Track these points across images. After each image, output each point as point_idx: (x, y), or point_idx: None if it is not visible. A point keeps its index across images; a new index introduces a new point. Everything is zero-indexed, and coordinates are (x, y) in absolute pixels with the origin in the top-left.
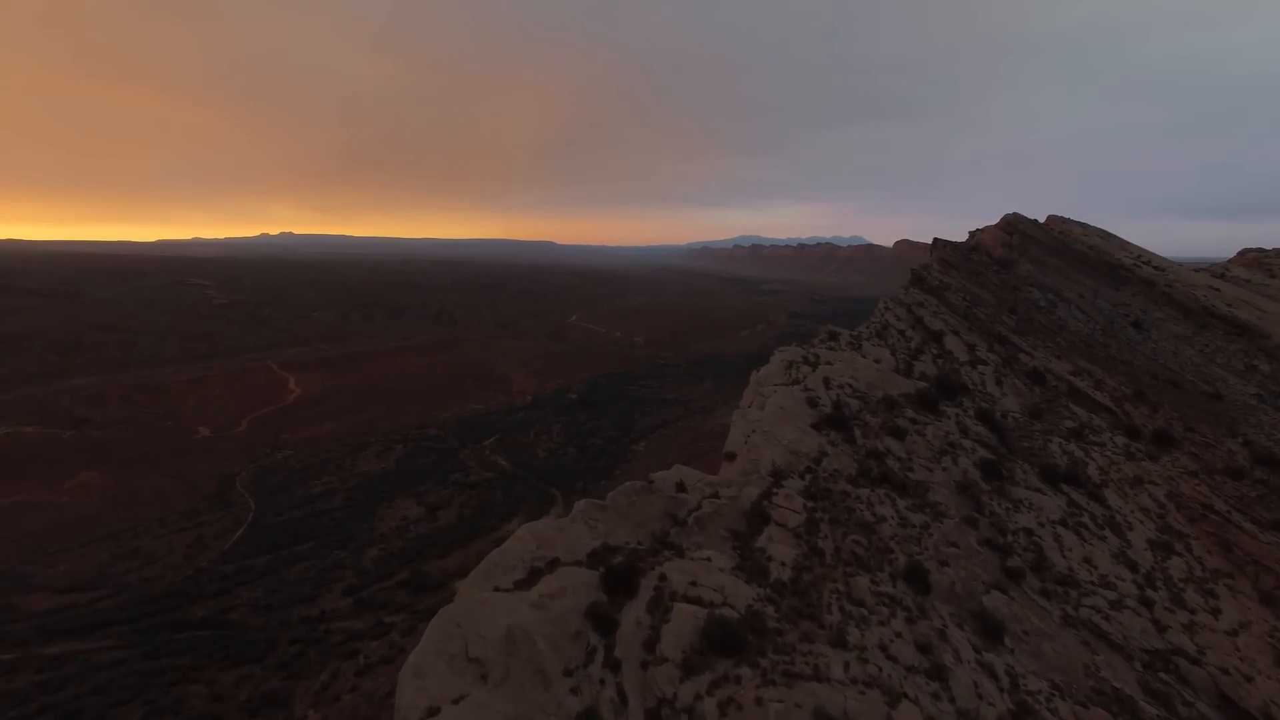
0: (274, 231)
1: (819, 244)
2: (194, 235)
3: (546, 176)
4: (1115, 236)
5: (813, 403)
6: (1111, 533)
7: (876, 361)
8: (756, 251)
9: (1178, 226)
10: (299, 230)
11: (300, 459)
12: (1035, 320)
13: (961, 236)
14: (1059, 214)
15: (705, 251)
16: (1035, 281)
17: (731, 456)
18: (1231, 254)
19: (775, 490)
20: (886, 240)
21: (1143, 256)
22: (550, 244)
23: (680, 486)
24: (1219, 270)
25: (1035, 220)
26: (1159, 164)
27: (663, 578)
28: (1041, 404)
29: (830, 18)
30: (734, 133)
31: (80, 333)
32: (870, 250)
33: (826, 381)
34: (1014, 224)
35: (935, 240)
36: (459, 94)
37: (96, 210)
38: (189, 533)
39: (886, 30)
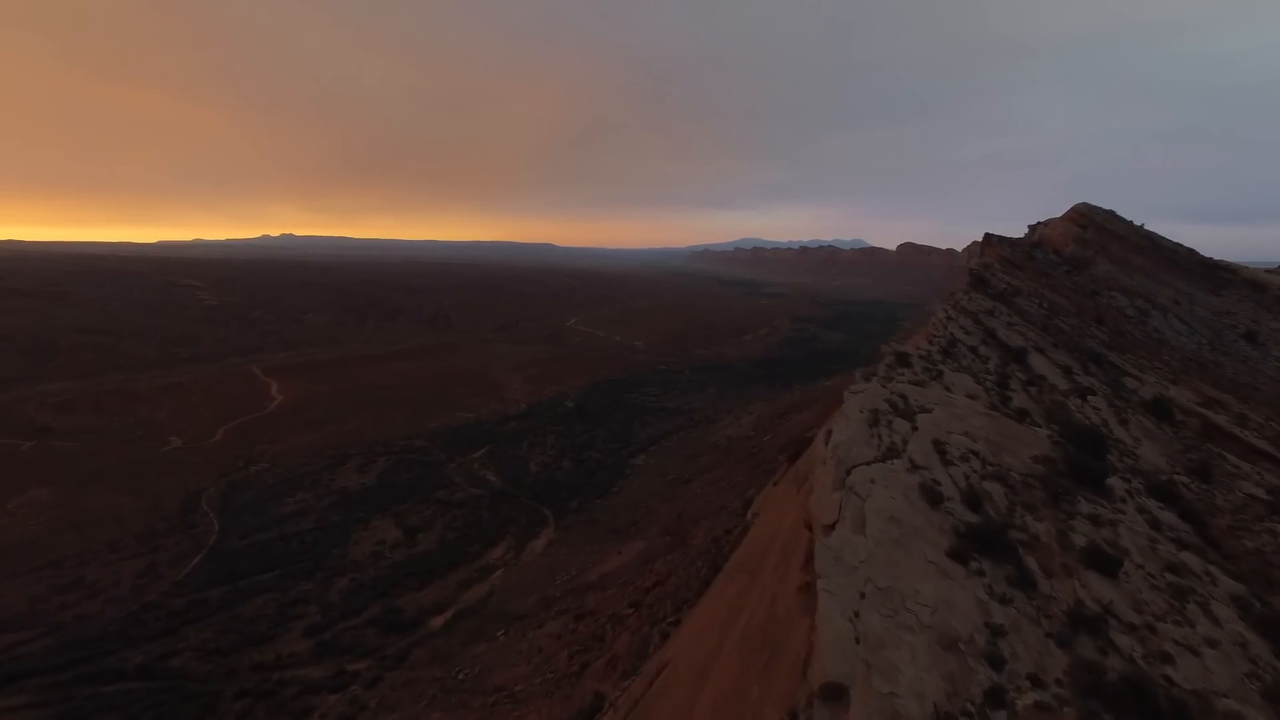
0: (275, 233)
1: (821, 247)
2: (195, 237)
3: (549, 179)
4: (1158, 235)
5: (934, 498)
6: None
7: (970, 397)
8: (758, 254)
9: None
10: (301, 232)
11: (275, 473)
12: (1128, 333)
13: (964, 240)
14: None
15: (707, 254)
16: (1118, 285)
17: (837, 693)
18: (1238, 257)
19: None
20: (889, 244)
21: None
22: (551, 246)
23: None
24: None
25: (1111, 211)
26: (1163, 167)
27: None
28: (1189, 454)
29: (835, 20)
30: (736, 135)
31: (59, 335)
32: (873, 254)
33: (941, 450)
34: (1088, 215)
35: (988, 236)
36: (464, 96)
37: (97, 212)
38: (141, 559)
39: (891, 33)
